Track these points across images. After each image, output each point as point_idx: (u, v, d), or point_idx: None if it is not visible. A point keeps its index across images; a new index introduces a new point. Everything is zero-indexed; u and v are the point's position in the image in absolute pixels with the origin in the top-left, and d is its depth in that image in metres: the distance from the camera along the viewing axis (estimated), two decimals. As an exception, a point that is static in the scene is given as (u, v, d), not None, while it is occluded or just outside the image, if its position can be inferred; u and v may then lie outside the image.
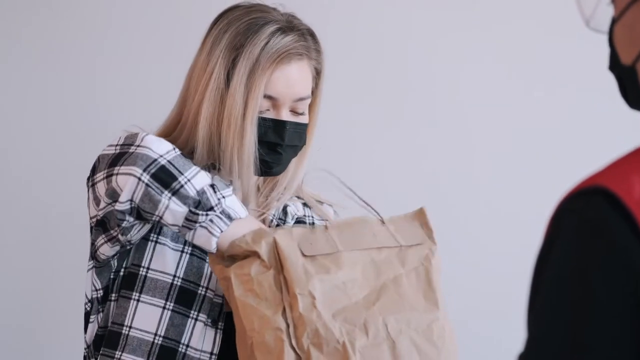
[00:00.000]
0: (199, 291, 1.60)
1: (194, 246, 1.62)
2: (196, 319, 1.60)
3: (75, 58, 2.37)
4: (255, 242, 1.48)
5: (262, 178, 1.71)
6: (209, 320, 1.60)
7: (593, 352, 0.85)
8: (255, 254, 1.48)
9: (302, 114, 1.67)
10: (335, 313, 1.46)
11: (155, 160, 1.50)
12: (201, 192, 1.48)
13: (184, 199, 1.47)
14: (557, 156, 2.40)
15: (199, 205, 1.47)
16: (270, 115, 1.63)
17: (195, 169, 1.51)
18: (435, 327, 1.53)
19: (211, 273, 1.61)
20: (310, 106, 1.70)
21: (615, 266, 0.85)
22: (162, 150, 1.52)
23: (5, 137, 2.37)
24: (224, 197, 1.49)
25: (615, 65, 1.00)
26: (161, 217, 1.49)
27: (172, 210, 1.48)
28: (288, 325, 1.46)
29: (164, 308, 1.59)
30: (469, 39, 2.40)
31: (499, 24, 2.41)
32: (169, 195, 1.48)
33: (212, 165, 1.64)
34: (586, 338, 0.85)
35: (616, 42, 0.98)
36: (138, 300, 1.60)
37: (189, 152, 1.63)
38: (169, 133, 1.67)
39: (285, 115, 1.64)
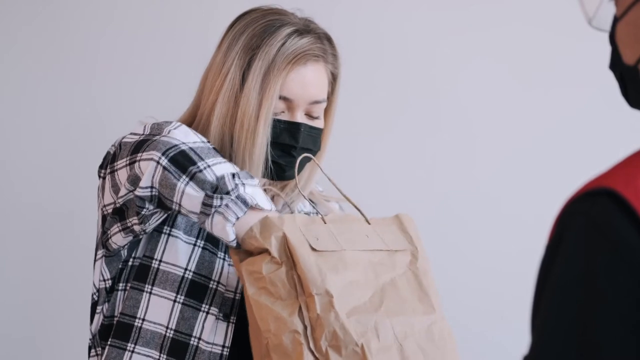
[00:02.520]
0: (211, 285, 1.60)
1: (207, 240, 1.61)
2: (207, 313, 1.59)
3: (75, 58, 2.37)
4: (265, 237, 1.46)
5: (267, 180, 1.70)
6: (221, 314, 1.59)
7: (599, 355, 0.85)
8: (265, 251, 1.46)
9: (317, 117, 1.66)
10: (348, 313, 1.45)
11: (176, 145, 1.49)
12: (220, 178, 1.45)
13: (201, 183, 1.45)
14: (559, 156, 2.40)
15: (217, 190, 1.45)
16: (284, 117, 1.63)
17: (221, 159, 1.50)
18: (435, 329, 1.53)
19: (222, 268, 1.60)
20: (326, 111, 1.69)
21: (621, 268, 0.85)
22: (188, 139, 1.51)
23: (5, 137, 2.37)
24: (243, 184, 1.46)
25: (616, 64, 0.99)
26: (180, 204, 1.47)
27: (189, 195, 1.45)
28: (305, 327, 1.44)
29: (174, 301, 1.59)
30: (469, 39, 2.40)
31: (500, 25, 2.40)
32: (186, 179, 1.46)
33: None
34: (592, 340, 0.85)
35: (618, 41, 0.98)
36: (150, 293, 1.59)
37: None
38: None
39: (300, 118, 1.64)
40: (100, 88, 2.37)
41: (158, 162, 1.48)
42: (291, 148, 1.63)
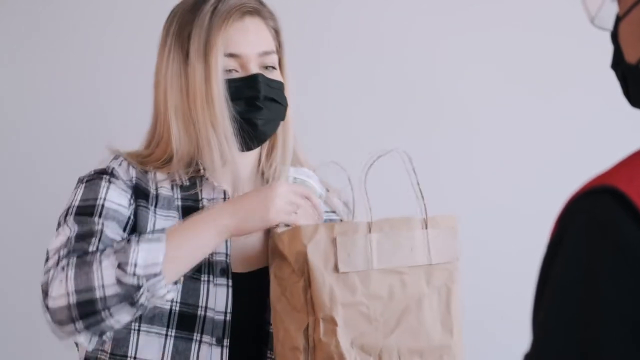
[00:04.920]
0: (199, 312, 1.56)
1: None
2: (200, 341, 1.56)
3: (76, 58, 2.37)
4: (290, 250, 1.48)
5: (259, 164, 1.68)
6: (214, 339, 1.56)
7: (599, 354, 0.85)
8: (288, 261, 1.48)
9: (272, 67, 1.63)
10: (353, 339, 1.47)
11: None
12: (127, 290, 1.45)
13: (126, 312, 1.46)
14: (560, 155, 2.40)
15: (133, 295, 1.45)
16: (239, 75, 1.60)
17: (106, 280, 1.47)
18: (447, 357, 1.54)
19: (208, 291, 1.57)
20: (281, 68, 1.66)
21: (623, 267, 0.85)
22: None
23: (5, 137, 2.37)
24: (135, 264, 1.45)
25: (619, 63, 0.99)
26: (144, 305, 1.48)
27: (124, 315, 1.46)
28: (308, 346, 1.47)
29: (166, 336, 1.56)
30: (470, 40, 2.40)
31: (500, 25, 2.40)
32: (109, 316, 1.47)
33: (197, 171, 1.61)
34: (593, 339, 0.85)
35: (621, 40, 0.98)
36: (138, 330, 1.56)
37: (169, 159, 1.61)
38: (148, 144, 1.65)
39: (255, 70, 1.60)
40: (100, 88, 2.37)
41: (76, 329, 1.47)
42: (255, 99, 1.59)
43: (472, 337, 2.32)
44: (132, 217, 1.57)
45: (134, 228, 1.56)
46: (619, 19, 0.98)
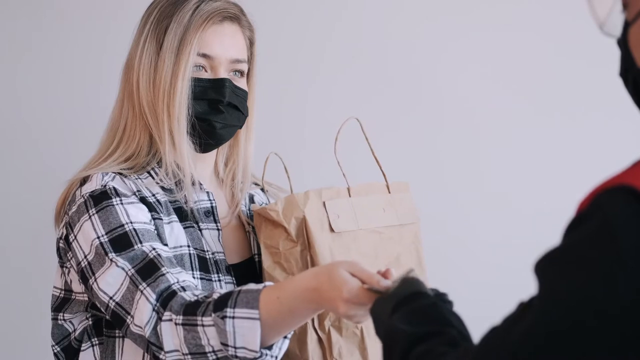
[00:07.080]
0: None
1: None
2: None
3: (79, 57, 2.37)
4: (286, 216, 1.52)
5: (218, 173, 1.70)
6: None
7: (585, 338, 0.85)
8: (283, 228, 1.52)
9: (240, 74, 1.64)
10: None
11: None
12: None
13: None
14: (560, 155, 2.40)
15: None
16: (207, 76, 1.61)
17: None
18: None
19: (221, 289, 1.56)
20: (248, 78, 1.68)
21: (636, 263, 0.84)
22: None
23: (5, 137, 2.37)
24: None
25: (629, 69, 0.97)
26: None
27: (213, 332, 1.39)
28: None
29: None
30: (471, 43, 2.41)
31: (499, 29, 2.41)
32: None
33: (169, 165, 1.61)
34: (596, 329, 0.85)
35: (631, 45, 0.96)
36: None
37: (140, 154, 1.60)
38: (115, 140, 1.64)
39: (224, 75, 1.61)
40: (100, 87, 2.37)
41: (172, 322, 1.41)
42: (218, 102, 1.60)
43: (474, 333, 2.33)
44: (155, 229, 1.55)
45: None
46: (627, 24, 0.97)
